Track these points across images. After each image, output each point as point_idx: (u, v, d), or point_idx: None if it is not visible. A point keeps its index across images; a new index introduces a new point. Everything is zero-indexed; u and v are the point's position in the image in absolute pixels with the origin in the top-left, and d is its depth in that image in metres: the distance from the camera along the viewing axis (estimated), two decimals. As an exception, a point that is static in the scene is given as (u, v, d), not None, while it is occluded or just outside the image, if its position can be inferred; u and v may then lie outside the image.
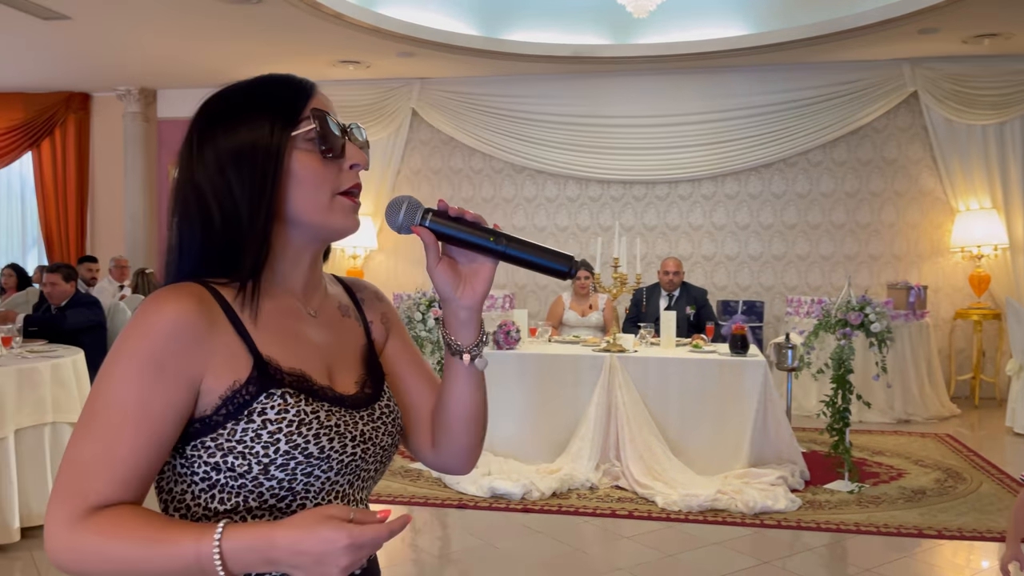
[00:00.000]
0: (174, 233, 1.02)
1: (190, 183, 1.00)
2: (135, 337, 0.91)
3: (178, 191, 1.02)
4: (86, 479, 0.88)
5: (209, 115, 1.02)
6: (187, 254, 1.00)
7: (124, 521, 0.87)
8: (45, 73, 8.11)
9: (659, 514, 4.21)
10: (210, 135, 1.00)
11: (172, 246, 1.02)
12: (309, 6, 5.88)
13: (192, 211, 0.99)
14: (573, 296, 6.21)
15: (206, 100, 1.05)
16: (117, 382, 0.90)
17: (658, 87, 7.76)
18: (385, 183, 8.32)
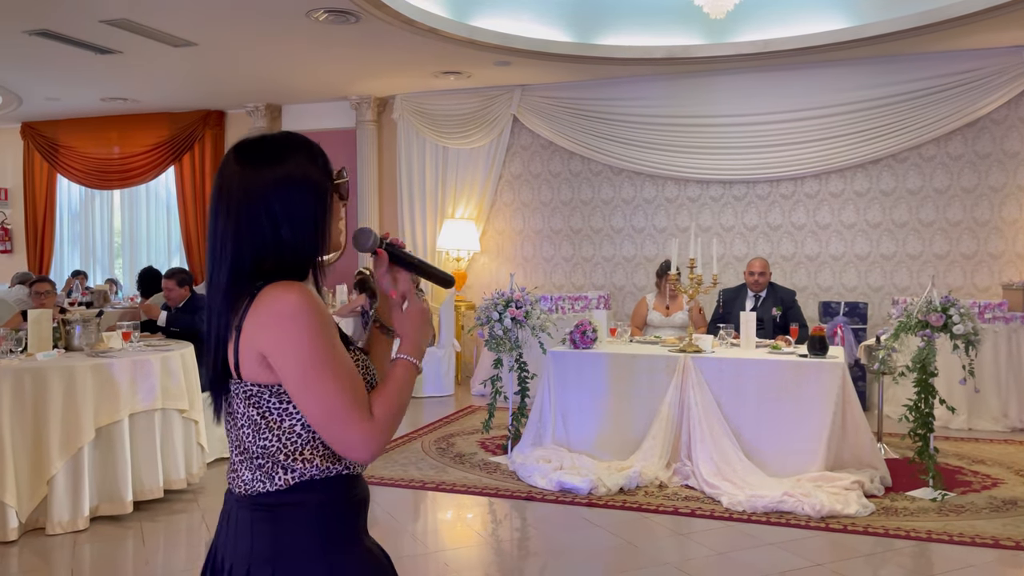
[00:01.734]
0: (248, 246, 1.38)
1: (269, 204, 1.37)
2: (313, 315, 1.33)
3: (253, 211, 1.38)
4: (358, 396, 1.35)
5: (282, 148, 1.41)
6: (258, 260, 1.38)
7: (379, 394, 1.40)
8: (185, 94, 8.93)
9: (722, 514, 4.23)
10: (287, 165, 1.39)
11: (255, 255, 1.38)
12: (404, 22, 6.23)
13: (268, 228, 1.38)
14: (658, 297, 6.25)
15: (269, 139, 1.44)
16: (324, 345, 1.33)
17: (756, 85, 7.63)
18: (488, 188, 8.61)
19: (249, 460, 1.38)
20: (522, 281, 8.55)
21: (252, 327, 1.34)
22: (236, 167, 1.40)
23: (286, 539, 1.36)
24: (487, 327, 5.14)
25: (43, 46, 6.83)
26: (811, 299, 7.62)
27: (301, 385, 1.32)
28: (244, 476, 1.39)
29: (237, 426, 1.39)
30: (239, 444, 1.40)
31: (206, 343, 1.42)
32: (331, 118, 9.25)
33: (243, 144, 1.43)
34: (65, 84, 8.43)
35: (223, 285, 1.38)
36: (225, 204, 1.39)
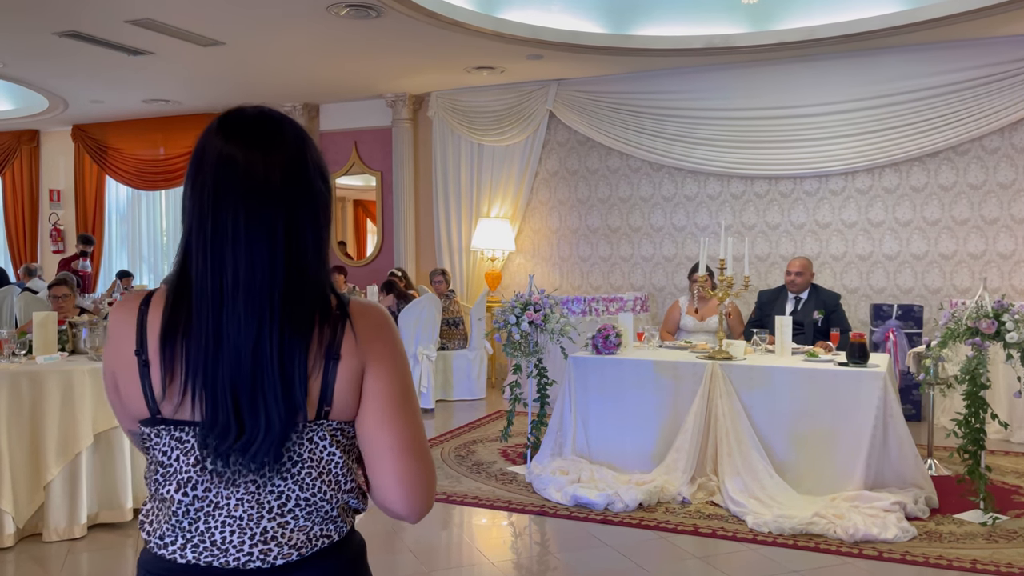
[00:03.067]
0: (324, 255, 1.17)
1: (326, 214, 1.17)
2: (397, 332, 1.22)
3: (327, 212, 1.18)
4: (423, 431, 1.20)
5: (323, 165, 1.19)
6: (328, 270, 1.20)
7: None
8: (223, 94, 8.93)
9: (746, 535, 3.92)
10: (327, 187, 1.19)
11: (324, 259, 1.17)
12: (427, 15, 6.05)
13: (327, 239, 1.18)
14: (692, 300, 5.93)
15: (301, 130, 1.18)
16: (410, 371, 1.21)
17: (802, 75, 7.21)
18: (523, 186, 8.39)
19: (315, 512, 1.15)
20: (558, 282, 8.32)
21: (356, 349, 1.14)
22: (314, 157, 1.17)
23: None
24: (504, 331, 4.92)
25: (75, 48, 6.88)
26: (863, 301, 7.19)
27: (406, 402, 1.16)
28: (298, 538, 1.14)
29: (299, 480, 1.13)
30: (296, 501, 1.13)
31: (290, 390, 1.10)
32: (367, 117, 9.16)
33: (301, 129, 1.19)
34: (106, 86, 8.52)
35: (309, 317, 1.12)
36: (302, 203, 1.14)
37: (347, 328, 1.14)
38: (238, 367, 1.08)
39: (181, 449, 1.12)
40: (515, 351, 4.91)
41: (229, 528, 1.12)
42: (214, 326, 1.09)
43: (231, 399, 1.08)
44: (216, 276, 1.09)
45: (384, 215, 9.26)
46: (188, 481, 1.12)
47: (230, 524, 1.12)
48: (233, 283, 1.09)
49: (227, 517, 1.12)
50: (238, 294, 1.09)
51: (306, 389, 1.11)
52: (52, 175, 11.29)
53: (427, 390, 6.88)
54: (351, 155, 9.34)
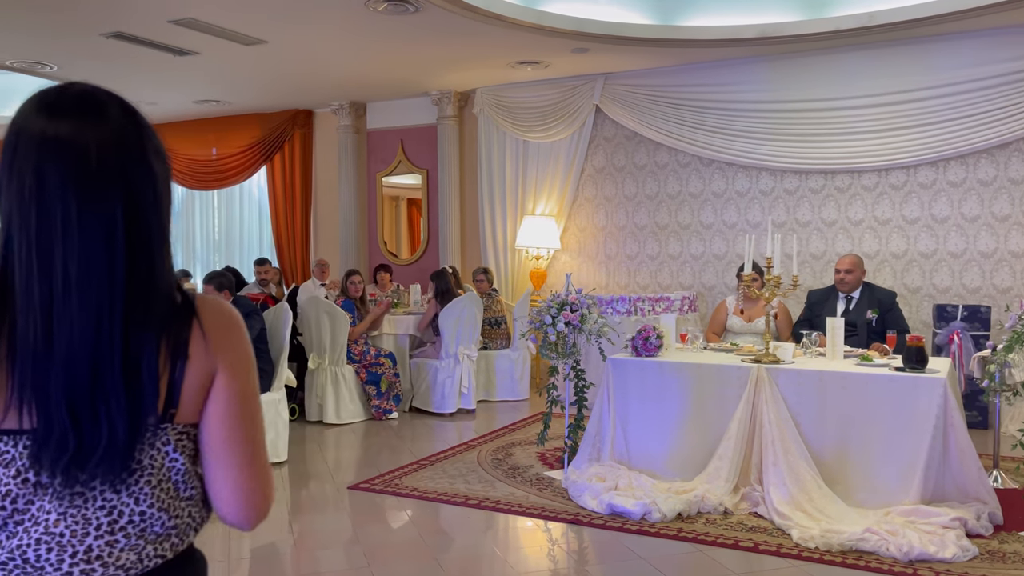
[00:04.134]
0: (168, 244, 1.09)
1: (168, 197, 1.09)
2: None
3: (168, 198, 1.09)
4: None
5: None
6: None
7: None
8: (271, 94, 8.99)
9: (790, 550, 3.69)
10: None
11: (169, 255, 1.09)
12: (466, 9, 5.93)
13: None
14: (740, 300, 5.68)
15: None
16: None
17: (860, 64, 6.86)
18: (569, 182, 8.21)
19: (150, 528, 1.04)
20: (604, 280, 8.13)
21: (205, 350, 1.06)
22: (147, 135, 1.06)
23: None
24: (540, 332, 4.77)
25: (124, 50, 6.96)
26: (926, 301, 6.81)
27: (245, 414, 1.08)
28: (127, 558, 1.03)
29: (135, 492, 1.02)
30: (129, 517, 1.02)
31: (136, 394, 1.01)
32: (413, 115, 9.10)
33: (130, 105, 1.07)
34: (158, 88, 8.64)
35: (157, 313, 1.03)
36: (146, 186, 1.04)
37: (194, 325, 1.05)
38: (73, 375, 0.96)
39: (1, 459, 0.99)
40: (551, 352, 4.76)
41: (44, 547, 0.99)
42: (43, 330, 0.96)
43: (66, 409, 0.96)
44: (44, 274, 0.97)
45: (430, 213, 9.19)
46: (6, 495, 0.98)
47: (47, 542, 0.99)
48: (64, 283, 0.96)
49: (43, 534, 0.99)
50: (71, 295, 0.96)
51: (157, 393, 1.01)
52: (111, 176, 11.54)
53: (468, 391, 6.76)
54: (397, 153, 9.30)
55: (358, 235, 9.50)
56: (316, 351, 6.47)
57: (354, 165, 9.43)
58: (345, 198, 9.47)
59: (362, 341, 6.69)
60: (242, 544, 3.96)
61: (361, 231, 9.54)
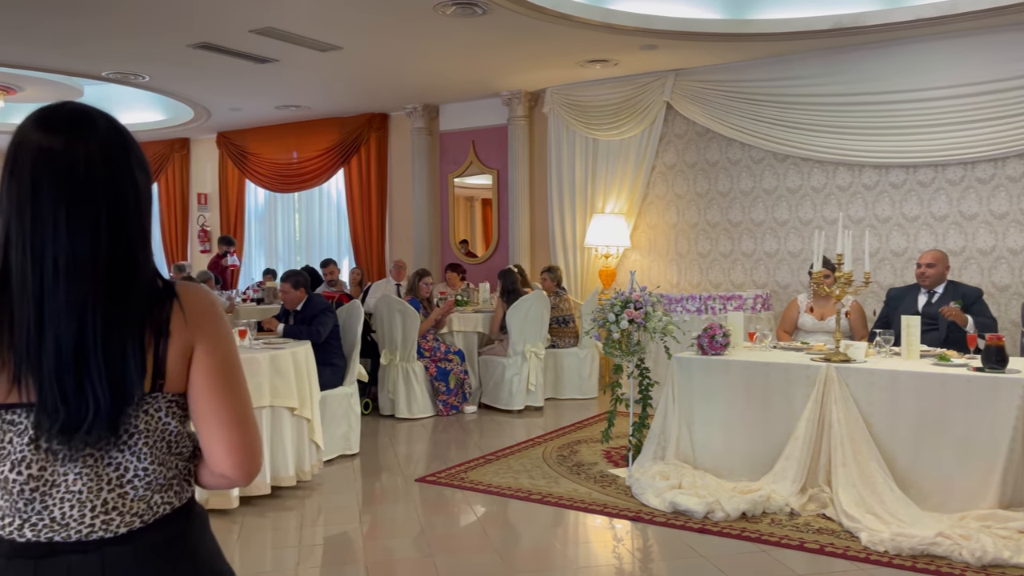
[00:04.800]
0: (148, 242, 1.24)
1: (148, 203, 1.25)
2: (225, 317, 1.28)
3: (147, 196, 1.24)
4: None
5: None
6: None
7: None
8: (348, 98, 9.24)
9: (858, 553, 3.60)
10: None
11: (150, 252, 1.24)
12: (532, 10, 5.98)
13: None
14: (812, 298, 5.56)
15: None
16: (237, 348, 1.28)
17: (943, 53, 6.60)
18: (640, 179, 8.17)
19: (154, 480, 1.20)
20: (676, 279, 8.06)
21: (185, 326, 1.20)
22: (125, 143, 1.21)
23: (212, 555, 1.29)
24: (603, 330, 4.78)
25: (209, 59, 7.29)
26: (1014, 300, 6.52)
27: (228, 381, 1.23)
28: (138, 506, 1.18)
29: (135, 451, 1.17)
30: (133, 471, 1.17)
31: (117, 370, 1.15)
32: (484, 116, 9.21)
33: (110, 118, 1.23)
34: (242, 95, 9.00)
35: (137, 300, 1.17)
36: (125, 186, 1.19)
37: (175, 306, 1.19)
38: (59, 354, 1.11)
39: (14, 431, 1.14)
40: (615, 350, 4.77)
41: (68, 503, 1.15)
42: (36, 316, 1.11)
43: (56, 384, 1.11)
44: (37, 268, 1.12)
45: (500, 213, 9.28)
46: (22, 460, 1.14)
47: (69, 499, 1.15)
48: (54, 274, 1.12)
49: (65, 493, 1.15)
50: (59, 285, 1.12)
51: (143, 369, 1.16)
52: (200, 180, 12.07)
53: (535, 388, 6.82)
54: (468, 154, 9.42)
55: (431, 235, 9.68)
56: (388, 347, 6.64)
57: (427, 166, 9.61)
58: (418, 199, 9.66)
59: (431, 337, 6.83)
60: (315, 532, 4.11)
61: (434, 231, 9.71)
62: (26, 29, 6.46)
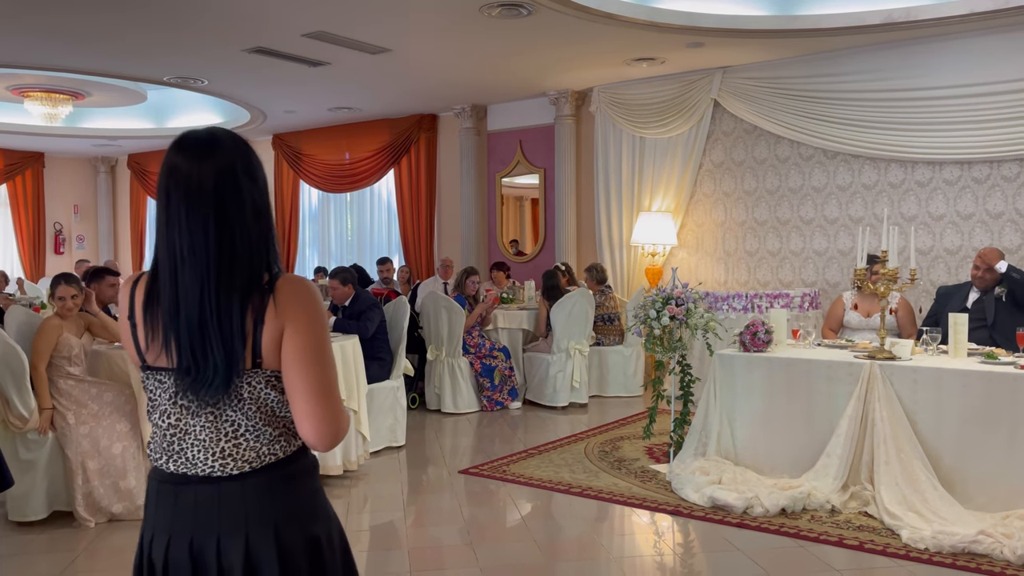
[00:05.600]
0: (268, 234, 1.48)
1: (267, 203, 1.50)
2: (320, 301, 1.49)
3: (264, 207, 1.48)
4: (336, 383, 1.47)
5: (253, 154, 1.51)
6: (273, 248, 1.50)
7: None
8: (398, 100, 9.42)
9: (898, 550, 3.59)
10: (261, 170, 1.51)
11: (273, 243, 1.49)
12: (578, 10, 6.04)
13: (271, 222, 1.50)
14: (858, 295, 5.50)
15: (237, 139, 1.50)
16: (327, 328, 1.49)
17: (996, 48, 6.45)
18: (687, 177, 8.16)
19: (262, 436, 1.47)
20: (723, 277, 8.03)
21: (275, 316, 1.44)
22: (246, 159, 1.48)
23: (305, 497, 1.52)
24: (645, 326, 4.82)
25: (264, 62, 7.52)
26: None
27: (310, 359, 1.42)
28: (249, 455, 1.47)
29: (245, 412, 1.46)
30: (245, 428, 1.46)
31: (228, 341, 1.42)
32: (532, 115, 9.30)
33: (238, 138, 1.49)
34: (296, 98, 9.25)
35: (240, 285, 1.44)
36: (240, 194, 1.45)
37: (270, 299, 1.44)
38: (189, 325, 1.42)
39: (161, 388, 1.49)
40: (656, 346, 4.80)
41: (196, 448, 1.47)
42: (171, 295, 1.44)
43: (188, 350, 1.42)
44: (171, 256, 1.44)
45: (547, 211, 9.35)
46: (165, 412, 1.49)
47: (197, 445, 1.47)
48: (180, 260, 1.43)
49: (195, 440, 1.47)
50: (184, 269, 1.42)
51: (244, 342, 1.43)
52: (256, 181, 12.39)
53: (580, 385, 6.87)
54: (516, 154, 9.51)
55: (478, 234, 9.80)
56: (434, 343, 6.77)
57: (475, 166, 9.73)
58: (466, 198, 9.79)
59: (477, 334, 6.94)
60: (361, 519, 4.25)
61: (481, 230, 9.83)
62: (92, 37, 6.76)
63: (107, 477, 4.19)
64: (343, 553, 1.57)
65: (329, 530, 1.53)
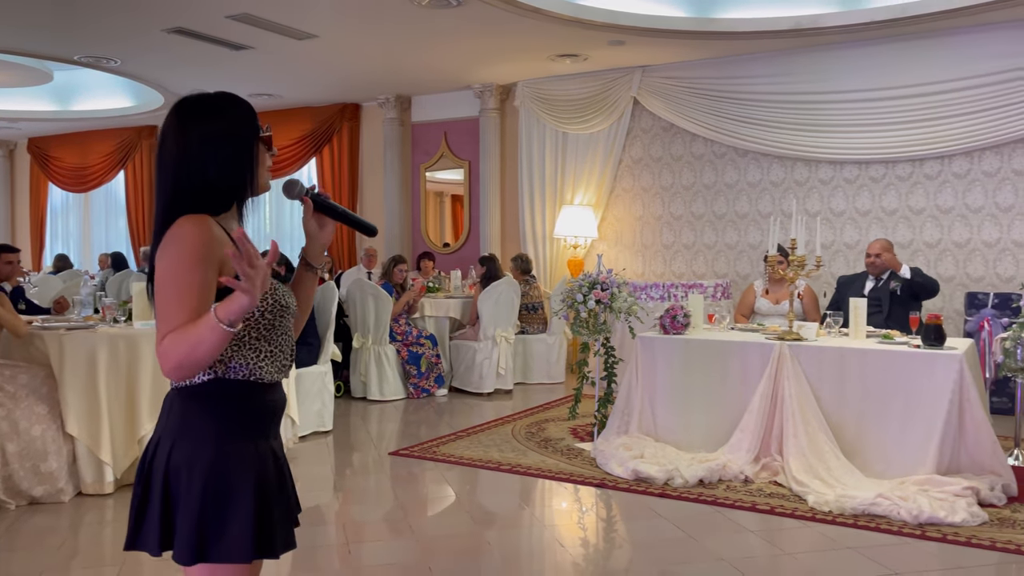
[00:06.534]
0: (170, 184, 1.62)
1: (197, 154, 1.61)
2: (185, 247, 1.53)
3: (185, 159, 1.62)
4: (175, 321, 1.51)
5: (208, 110, 1.65)
6: (187, 198, 1.61)
7: (180, 330, 1.51)
8: (321, 88, 9.35)
9: (806, 513, 3.87)
10: (212, 124, 1.63)
11: (172, 192, 1.62)
12: (506, 3, 6.18)
13: (196, 172, 1.61)
14: (768, 283, 5.84)
15: (197, 100, 1.68)
16: (183, 272, 1.52)
17: (894, 55, 6.95)
18: (608, 172, 8.42)
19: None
20: (641, 269, 8.32)
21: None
22: (174, 122, 1.65)
23: (192, 421, 1.61)
24: (572, 310, 5.00)
25: (183, 44, 7.37)
26: (958, 290, 6.87)
27: (159, 289, 1.55)
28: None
29: None
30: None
31: (150, 276, 1.63)
32: (457, 108, 9.39)
33: (183, 102, 1.67)
34: (214, 82, 9.06)
35: (158, 225, 1.62)
36: (161, 154, 1.65)
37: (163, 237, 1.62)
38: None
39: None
40: (582, 329, 4.99)
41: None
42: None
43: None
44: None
45: (471, 203, 9.47)
46: None
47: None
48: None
49: None
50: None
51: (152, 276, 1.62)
52: (168, 168, 12.05)
53: (505, 372, 7.02)
54: (440, 146, 9.59)
55: (402, 225, 9.83)
56: (360, 331, 6.79)
57: (399, 157, 9.76)
58: (390, 189, 9.81)
59: (404, 322, 7.00)
60: (290, 499, 4.26)
61: (405, 221, 9.87)
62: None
63: (27, 460, 4.08)
64: (201, 497, 1.56)
65: (197, 459, 1.56)
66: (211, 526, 1.55)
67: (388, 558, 3.40)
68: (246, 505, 1.58)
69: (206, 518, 1.55)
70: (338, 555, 3.42)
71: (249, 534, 1.57)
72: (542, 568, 3.38)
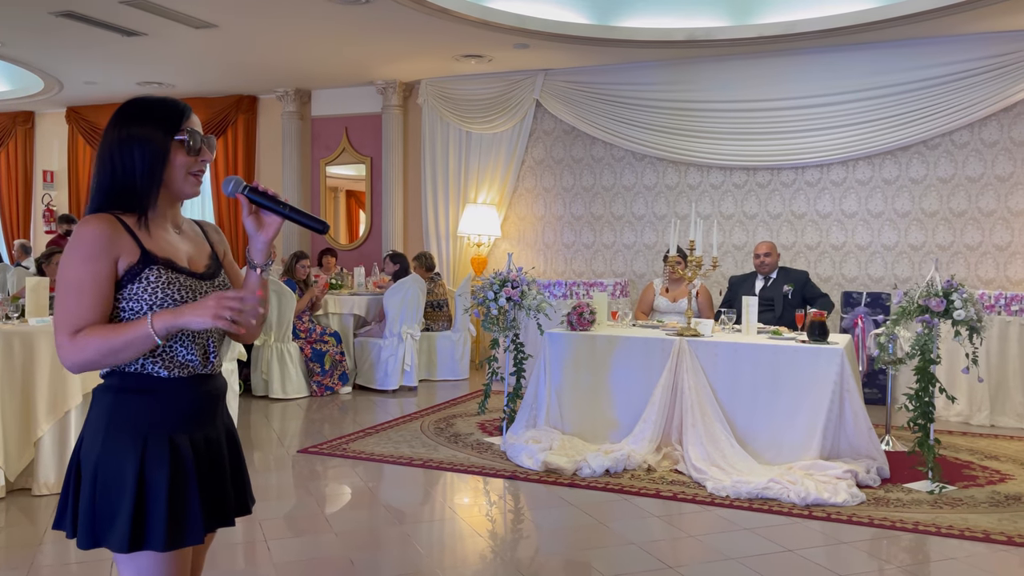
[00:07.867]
0: (94, 182, 1.71)
1: (110, 156, 1.69)
2: (81, 245, 1.61)
3: (101, 159, 1.70)
4: (74, 317, 1.60)
5: (128, 114, 1.71)
6: (101, 197, 1.69)
7: (99, 327, 1.61)
8: (217, 79, 9.09)
9: (705, 498, 4.13)
10: (128, 127, 1.68)
11: (92, 190, 1.71)
12: (414, 2, 6.22)
13: (108, 173, 1.69)
14: (666, 281, 6.13)
15: (127, 103, 1.73)
16: (77, 268, 1.60)
17: (781, 69, 7.42)
18: (510, 173, 8.57)
19: None
20: (542, 267, 8.51)
21: None
22: (108, 123, 1.74)
23: (93, 413, 1.71)
24: (483, 307, 5.11)
25: (72, 28, 7.02)
26: (835, 290, 7.40)
27: (56, 289, 1.64)
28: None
29: None
30: None
31: None
32: (358, 103, 9.33)
33: (122, 105, 1.74)
34: (101, 68, 8.66)
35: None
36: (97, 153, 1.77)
37: None
38: None
39: None
40: (493, 326, 5.11)
41: None
42: None
43: None
44: None
45: (373, 200, 9.43)
46: None
47: None
48: None
49: None
50: None
51: None
52: (46, 156, 11.41)
53: (411, 368, 7.06)
54: (341, 141, 9.50)
55: (301, 220, 9.66)
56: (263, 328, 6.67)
57: (298, 151, 9.61)
58: (289, 183, 9.63)
59: (307, 319, 6.93)
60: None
61: (304, 216, 9.70)
62: None
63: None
64: (92, 485, 1.62)
65: (91, 449, 1.64)
66: (101, 515, 1.62)
67: (309, 553, 3.42)
68: (130, 497, 1.61)
69: (97, 507, 1.62)
70: (258, 552, 3.41)
71: (128, 525, 1.61)
72: (464, 556, 3.47)
